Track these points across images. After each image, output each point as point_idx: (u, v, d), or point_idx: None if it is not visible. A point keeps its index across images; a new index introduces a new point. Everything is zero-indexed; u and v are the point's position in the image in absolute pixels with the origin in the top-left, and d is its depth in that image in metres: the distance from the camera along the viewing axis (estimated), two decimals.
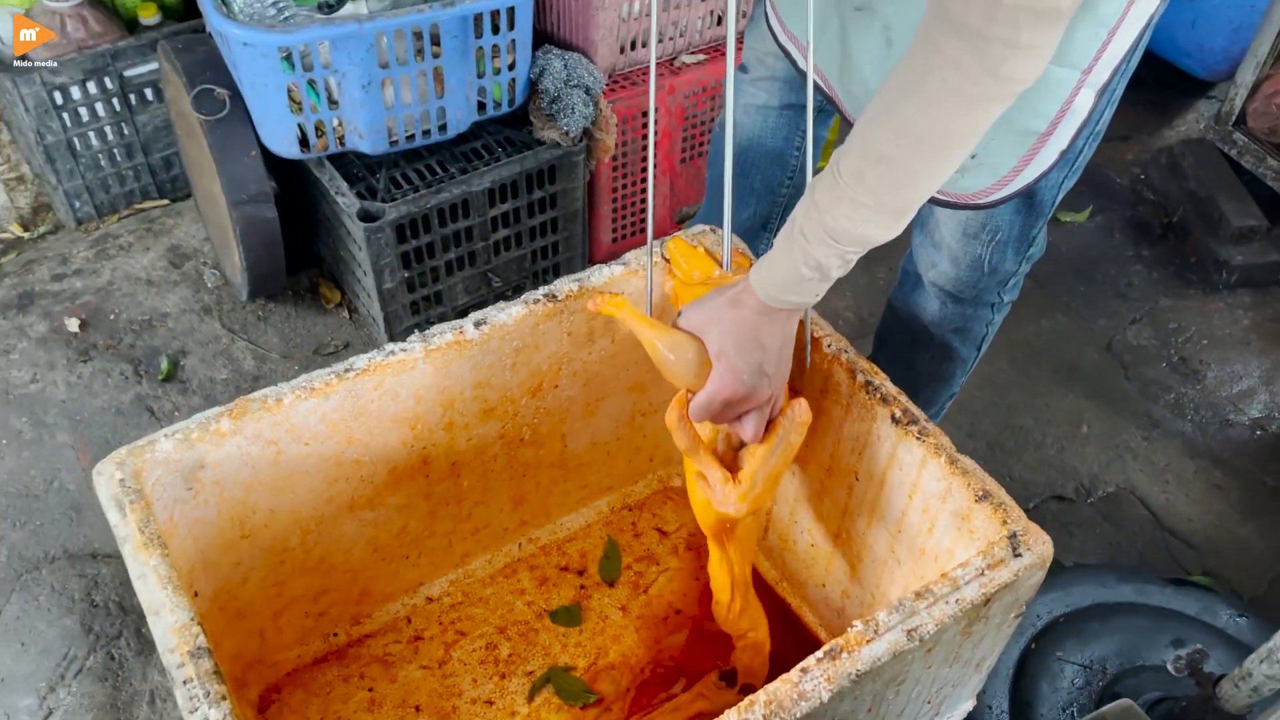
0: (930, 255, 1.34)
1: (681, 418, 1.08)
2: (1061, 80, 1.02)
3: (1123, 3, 0.97)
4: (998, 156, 1.10)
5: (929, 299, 1.40)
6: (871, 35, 1.08)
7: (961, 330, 1.42)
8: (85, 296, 1.95)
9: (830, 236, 0.91)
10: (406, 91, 1.66)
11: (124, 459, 0.99)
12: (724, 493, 1.11)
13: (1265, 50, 2.06)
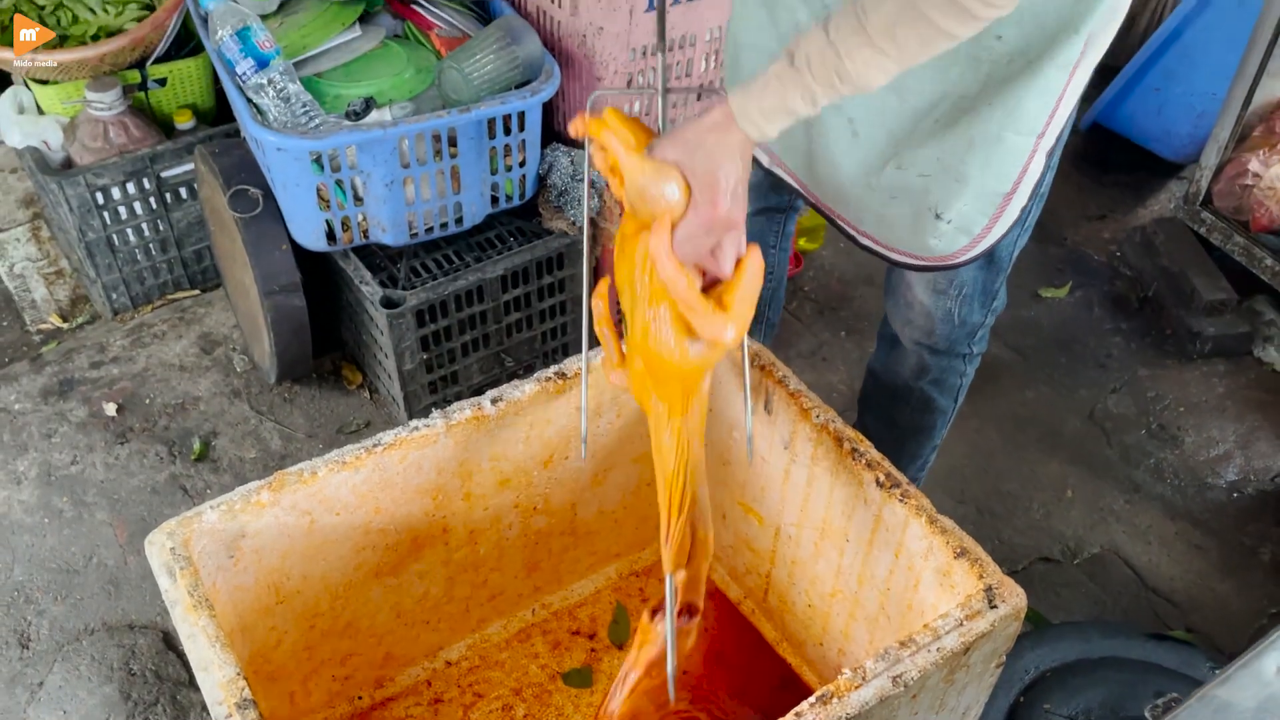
0: (904, 314, 1.46)
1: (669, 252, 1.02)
2: (1020, 146, 1.17)
3: (1066, 74, 1.12)
4: (970, 218, 1.24)
5: (907, 356, 1.52)
6: (838, 128, 1.21)
7: (939, 382, 1.53)
8: (122, 382, 2.07)
9: (839, 78, 0.94)
10: (426, 188, 1.80)
11: (174, 529, 1.09)
12: (714, 321, 1.03)
13: (1226, 135, 2.20)
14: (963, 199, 1.21)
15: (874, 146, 1.20)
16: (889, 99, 1.15)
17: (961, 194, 1.21)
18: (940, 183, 1.21)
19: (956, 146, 1.17)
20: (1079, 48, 1.09)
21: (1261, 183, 2.19)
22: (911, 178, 1.21)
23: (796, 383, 1.34)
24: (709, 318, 1.03)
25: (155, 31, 2.06)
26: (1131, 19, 2.85)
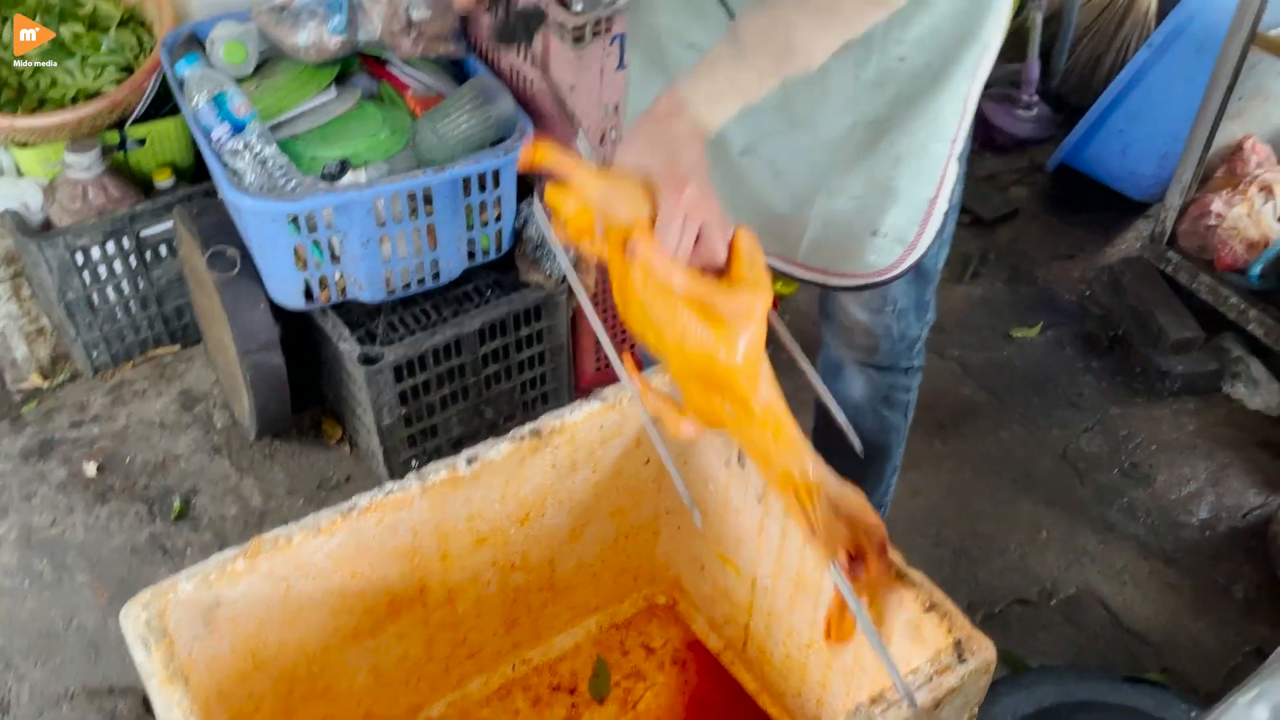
0: (846, 337, 1.49)
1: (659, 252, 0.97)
2: (940, 153, 1.24)
3: (971, 80, 1.19)
4: (904, 229, 1.29)
5: (854, 378, 1.55)
6: (759, 171, 1.26)
7: (889, 399, 1.56)
8: (102, 441, 2.08)
9: (786, 52, 0.97)
10: (403, 246, 1.82)
11: (149, 600, 1.10)
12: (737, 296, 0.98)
13: (1189, 176, 2.24)
14: (895, 211, 1.27)
15: (800, 182, 1.26)
16: (803, 136, 1.20)
17: (893, 207, 1.27)
18: (873, 201, 1.26)
19: (883, 164, 1.22)
20: (979, 54, 1.17)
21: (1224, 223, 2.24)
22: (843, 202, 1.26)
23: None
24: (730, 295, 0.98)
25: (133, 93, 2.08)
26: (1096, 61, 2.92)
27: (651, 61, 1.29)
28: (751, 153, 1.25)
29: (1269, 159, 2.33)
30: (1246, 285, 2.22)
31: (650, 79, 1.30)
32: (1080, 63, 2.94)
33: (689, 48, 1.23)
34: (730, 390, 1.02)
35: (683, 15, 1.21)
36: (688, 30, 1.22)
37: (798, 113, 1.20)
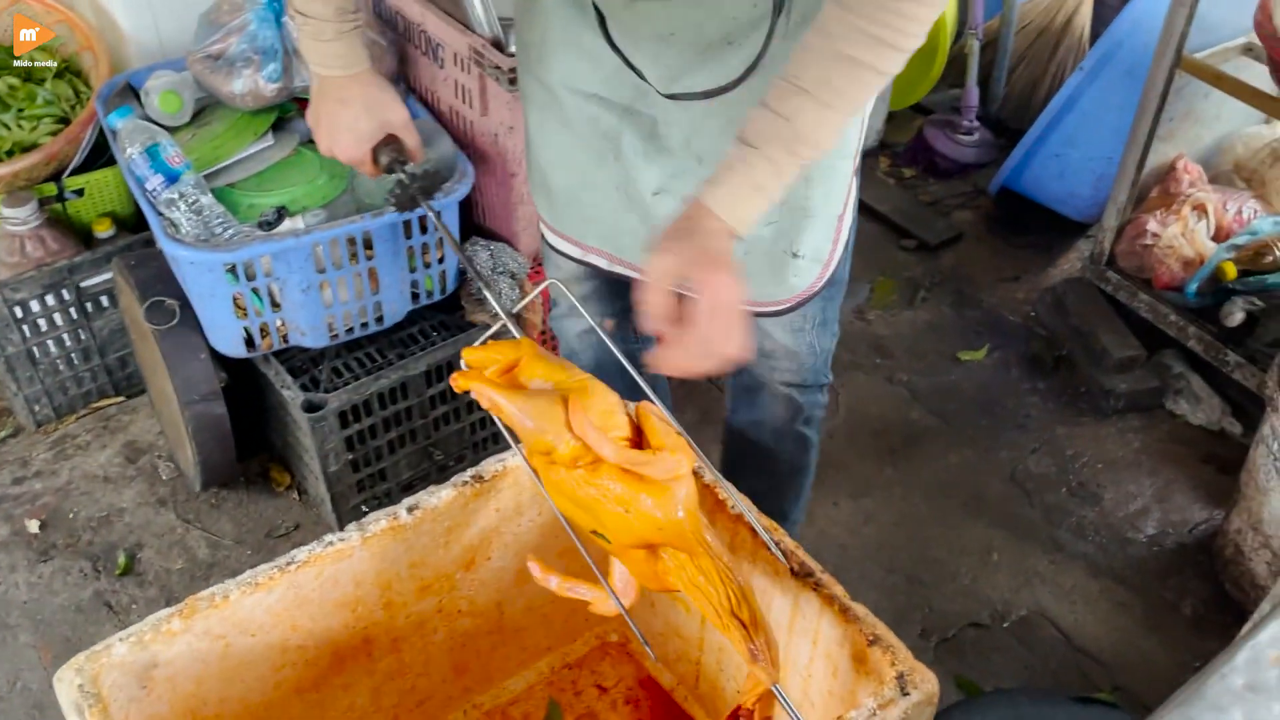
0: (769, 363, 1.50)
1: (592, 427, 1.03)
2: (845, 170, 1.28)
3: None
4: (820, 247, 1.33)
5: (775, 402, 1.55)
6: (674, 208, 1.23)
7: (809, 419, 1.59)
8: (45, 498, 2.04)
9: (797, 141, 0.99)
10: (344, 291, 1.81)
11: (82, 665, 1.08)
12: (662, 459, 1.04)
13: (1124, 197, 2.29)
14: (810, 231, 1.30)
15: None
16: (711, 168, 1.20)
17: (809, 227, 1.30)
18: (789, 224, 1.28)
19: (797, 188, 1.22)
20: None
21: (1160, 242, 2.28)
22: (762, 229, 1.27)
23: (711, 474, 1.36)
24: (658, 460, 1.05)
25: (70, 145, 2.07)
26: (1033, 86, 2.97)
27: (549, 116, 1.30)
28: (664, 193, 1.27)
29: (1200, 178, 2.38)
30: (1184, 303, 2.26)
31: (550, 133, 1.31)
32: (1018, 88, 2.99)
33: (589, 98, 1.24)
34: (679, 542, 1.09)
35: (579, 66, 1.22)
36: (585, 80, 1.23)
37: (702, 149, 1.22)
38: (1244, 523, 1.84)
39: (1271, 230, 2.24)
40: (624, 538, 1.08)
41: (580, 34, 1.19)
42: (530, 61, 1.28)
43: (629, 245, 1.36)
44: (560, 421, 1.04)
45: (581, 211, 1.36)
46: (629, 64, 1.18)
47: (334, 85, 1.28)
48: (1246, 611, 1.86)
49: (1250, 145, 2.50)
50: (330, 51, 1.26)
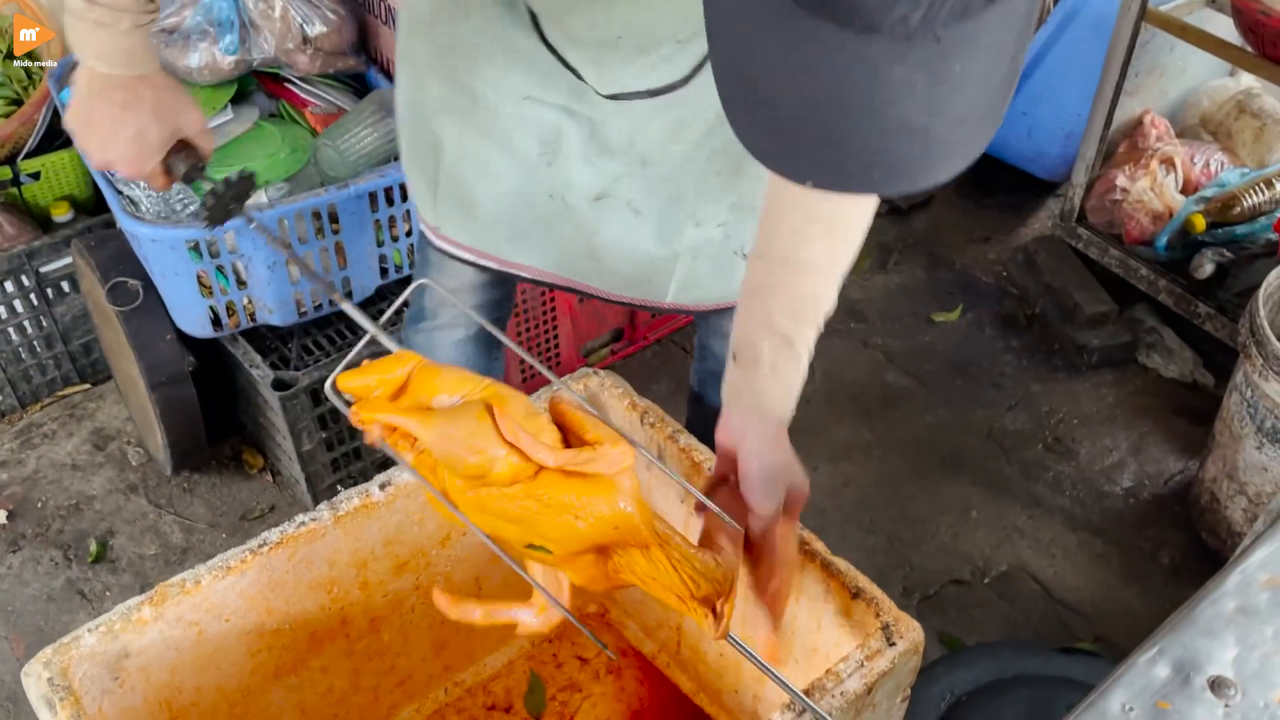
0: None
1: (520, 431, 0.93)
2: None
3: None
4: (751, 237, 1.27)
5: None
6: (616, 211, 1.21)
7: None
8: (11, 488, 2.01)
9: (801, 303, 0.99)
10: (311, 266, 1.78)
11: (50, 658, 1.05)
12: (602, 454, 0.96)
13: (1092, 154, 2.28)
14: (741, 225, 1.25)
15: (663, 217, 1.21)
16: (657, 172, 1.17)
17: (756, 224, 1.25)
18: (739, 224, 1.24)
19: (747, 186, 1.19)
20: None
21: (1129, 197, 2.28)
22: (711, 230, 1.23)
23: (687, 438, 1.35)
24: (600, 456, 0.96)
25: (24, 126, 2.02)
26: None
27: (470, 126, 1.18)
28: (606, 198, 1.20)
29: (1168, 132, 2.39)
30: (1154, 256, 2.26)
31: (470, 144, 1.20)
32: None
33: (524, 101, 1.14)
34: (633, 538, 1.00)
35: (512, 69, 1.13)
36: (519, 84, 1.13)
37: (646, 150, 1.15)
38: (1219, 471, 1.85)
39: (1239, 182, 2.24)
40: (571, 545, 0.98)
41: (513, 36, 1.10)
42: (450, 67, 1.16)
43: (563, 256, 1.27)
44: (491, 437, 0.92)
45: (512, 226, 1.25)
46: (566, 65, 1.10)
47: (117, 85, 1.09)
48: (1224, 559, 1.88)
49: (1216, 98, 2.50)
50: (121, 46, 1.07)
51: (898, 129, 0.56)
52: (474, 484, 0.93)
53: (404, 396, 0.96)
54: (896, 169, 0.58)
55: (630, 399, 1.39)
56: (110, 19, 1.04)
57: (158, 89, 1.12)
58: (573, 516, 0.95)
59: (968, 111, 0.57)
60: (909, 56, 0.54)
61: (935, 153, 0.58)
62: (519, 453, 0.92)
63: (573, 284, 1.29)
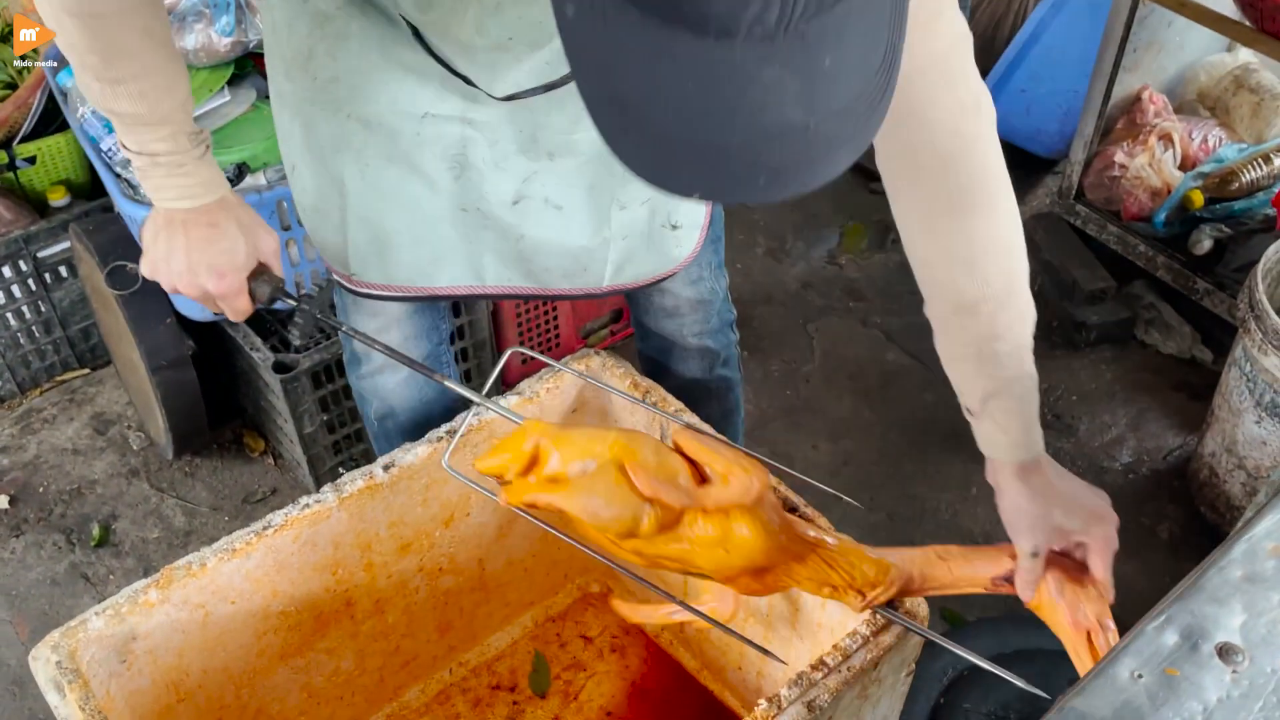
0: (677, 320, 1.45)
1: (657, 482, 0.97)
2: None
3: None
4: (695, 211, 1.28)
5: (688, 356, 1.50)
6: (540, 215, 1.19)
7: (726, 360, 1.53)
8: (13, 473, 2.01)
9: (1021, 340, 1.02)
10: (310, 249, 1.78)
11: (58, 641, 1.06)
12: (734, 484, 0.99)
13: (1090, 130, 2.28)
14: (684, 200, 1.22)
15: (585, 207, 1.20)
16: (565, 163, 1.15)
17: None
18: (661, 198, 1.23)
19: None
20: None
21: (1128, 173, 2.28)
22: (637, 210, 1.23)
23: (690, 416, 1.36)
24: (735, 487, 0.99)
25: (19, 110, 2.01)
26: (995, 23, 2.94)
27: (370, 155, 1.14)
28: (524, 200, 1.18)
29: (1166, 108, 2.38)
30: (1153, 233, 2.26)
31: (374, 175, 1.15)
32: (981, 26, 2.96)
33: (424, 119, 1.11)
34: (782, 557, 1.05)
35: (404, 85, 1.09)
36: (414, 100, 1.10)
37: (552, 145, 1.13)
38: (1218, 445, 1.85)
39: (1237, 157, 2.24)
40: (726, 572, 1.04)
41: (399, 53, 1.07)
42: (337, 101, 1.10)
43: (491, 265, 1.25)
44: (631, 496, 0.96)
45: (433, 249, 1.21)
46: (455, 73, 1.06)
47: (200, 213, 1.11)
48: (1222, 533, 1.89)
49: (1213, 74, 2.49)
50: (198, 179, 1.09)
51: (777, 132, 0.55)
52: (625, 539, 0.98)
53: (538, 468, 1.00)
54: (782, 172, 0.57)
55: (632, 378, 1.39)
56: (175, 164, 1.07)
57: (236, 208, 1.14)
58: (722, 550, 1.00)
59: (849, 103, 0.57)
60: (775, 56, 0.52)
61: (820, 150, 0.58)
62: (661, 503, 0.97)
63: (505, 290, 1.27)
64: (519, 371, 2.18)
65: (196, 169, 1.09)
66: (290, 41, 1.09)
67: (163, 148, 1.06)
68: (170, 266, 1.13)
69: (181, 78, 1.06)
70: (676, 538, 0.99)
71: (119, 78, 1.01)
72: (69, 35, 0.99)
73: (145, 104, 1.03)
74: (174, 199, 1.10)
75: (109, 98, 1.02)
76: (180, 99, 1.06)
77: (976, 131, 0.93)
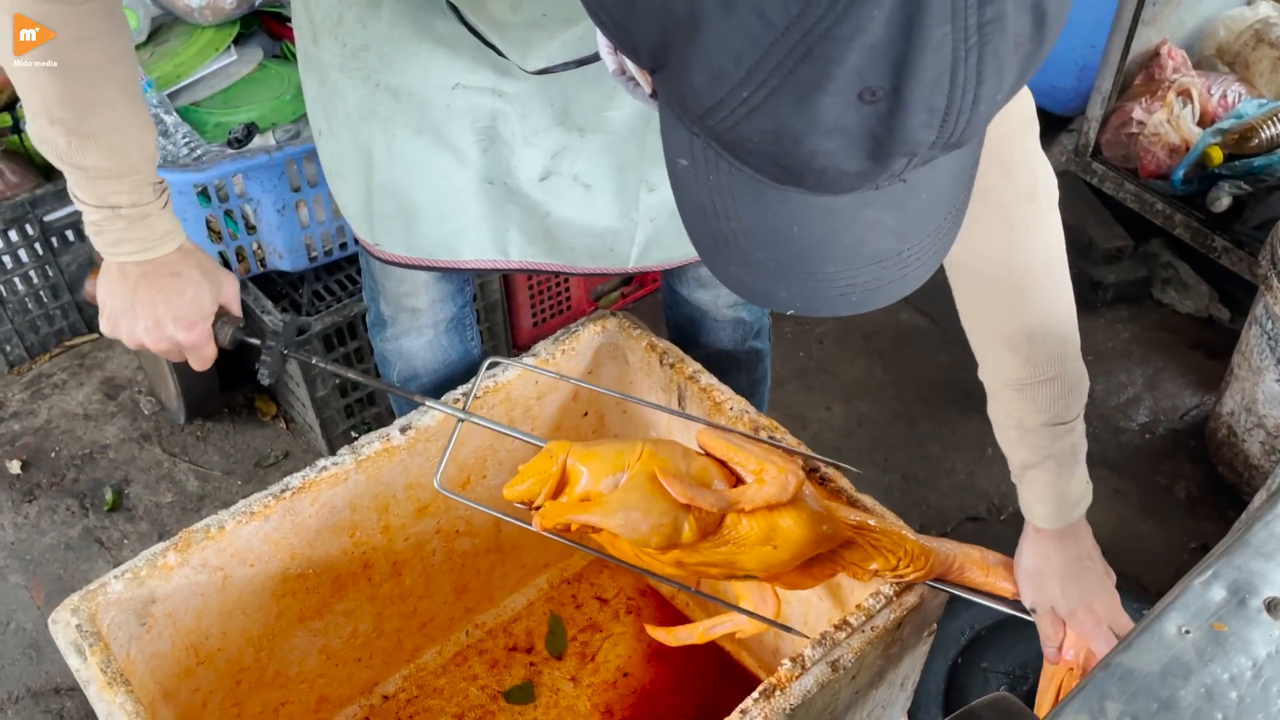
0: (712, 294, 1.42)
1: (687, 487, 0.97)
2: None
3: None
4: None
5: (721, 328, 1.48)
6: (568, 193, 1.17)
7: (759, 331, 1.51)
8: (24, 438, 2.00)
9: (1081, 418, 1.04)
10: (320, 210, 1.76)
11: (78, 605, 1.05)
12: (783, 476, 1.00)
13: (1108, 86, 2.24)
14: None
15: (614, 187, 1.17)
16: (596, 141, 1.12)
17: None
18: None
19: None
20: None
21: (1146, 129, 2.24)
22: (665, 192, 1.18)
23: (708, 378, 1.34)
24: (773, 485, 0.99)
25: None
26: None
27: (397, 126, 1.11)
28: (552, 176, 1.15)
29: (1185, 63, 2.34)
30: (1170, 190, 2.23)
31: (401, 146, 1.13)
32: None
33: (455, 89, 1.08)
34: (829, 542, 1.05)
35: (436, 57, 1.06)
36: (445, 71, 1.07)
37: (584, 121, 1.10)
38: (1237, 404, 1.84)
39: (1256, 113, 2.21)
40: (774, 569, 1.03)
41: (431, 23, 1.04)
42: (366, 69, 1.08)
43: (515, 241, 1.22)
44: (667, 506, 0.95)
45: (458, 222, 1.20)
46: (489, 45, 1.03)
47: (161, 264, 1.08)
48: (1240, 492, 1.88)
49: (1232, 28, 2.45)
50: (157, 231, 1.07)
51: (873, 260, 0.61)
52: (666, 550, 0.97)
53: (569, 488, 0.99)
54: (875, 290, 0.62)
55: (649, 340, 1.38)
56: (139, 215, 1.04)
57: (194, 253, 1.12)
58: (769, 547, 1.00)
59: (935, 225, 0.62)
60: (878, 200, 0.57)
61: (910, 269, 0.62)
62: (699, 510, 0.96)
63: (528, 266, 1.25)
64: (530, 334, 2.16)
65: (159, 220, 1.06)
66: (319, 5, 1.07)
67: (125, 200, 1.03)
68: (135, 324, 1.10)
69: (150, 128, 1.03)
70: (720, 541, 0.98)
71: (91, 131, 0.98)
72: (40, 90, 0.96)
73: (115, 157, 1.00)
74: (133, 253, 1.07)
75: (76, 152, 0.99)
76: (149, 150, 1.03)
77: (1029, 220, 0.93)
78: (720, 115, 0.53)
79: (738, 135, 0.54)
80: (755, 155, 0.55)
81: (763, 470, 1.00)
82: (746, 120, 0.52)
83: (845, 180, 0.54)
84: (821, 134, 0.51)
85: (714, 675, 1.53)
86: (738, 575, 1.03)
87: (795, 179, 0.55)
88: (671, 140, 0.60)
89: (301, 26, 1.12)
